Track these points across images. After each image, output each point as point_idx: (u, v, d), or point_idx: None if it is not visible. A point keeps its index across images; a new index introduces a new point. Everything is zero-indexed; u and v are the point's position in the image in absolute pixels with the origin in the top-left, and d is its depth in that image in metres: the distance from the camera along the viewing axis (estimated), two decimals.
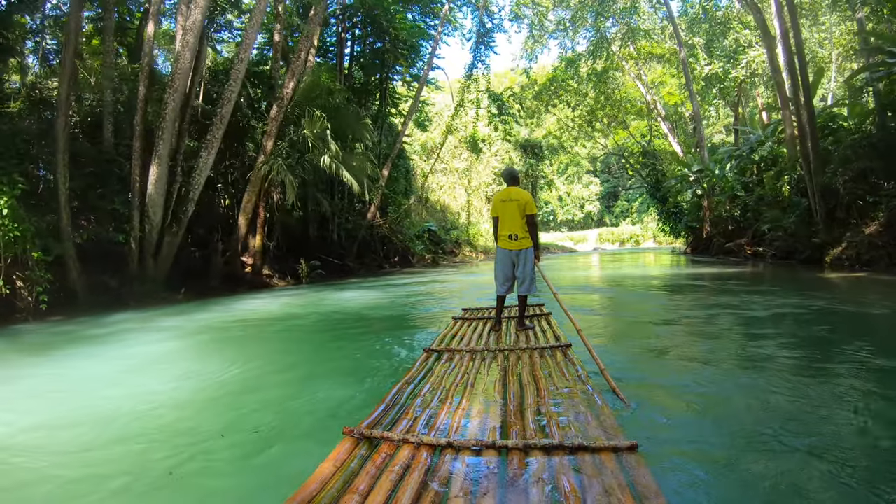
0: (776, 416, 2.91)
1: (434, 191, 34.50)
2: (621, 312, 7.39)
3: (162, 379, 4.48)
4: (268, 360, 5.31)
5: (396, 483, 2.00)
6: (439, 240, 26.29)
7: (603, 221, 56.30)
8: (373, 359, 5.04)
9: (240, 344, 6.15)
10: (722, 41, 26.79)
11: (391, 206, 21.25)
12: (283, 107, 14.03)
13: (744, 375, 3.77)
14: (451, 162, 34.79)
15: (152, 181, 11.39)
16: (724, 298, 7.85)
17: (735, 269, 12.66)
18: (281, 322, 7.80)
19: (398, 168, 22.26)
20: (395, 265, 22.31)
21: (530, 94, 28.92)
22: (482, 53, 24.13)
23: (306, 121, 12.65)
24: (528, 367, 3.61)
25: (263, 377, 4.58)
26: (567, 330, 4.80)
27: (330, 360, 5.18)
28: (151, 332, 7.30)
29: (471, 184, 34.63)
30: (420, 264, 22.54)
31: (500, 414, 2.72)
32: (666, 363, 4.30)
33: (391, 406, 2.94)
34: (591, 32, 29.05)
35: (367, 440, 2.42)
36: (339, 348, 5.65)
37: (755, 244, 15.51)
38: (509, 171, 5.04)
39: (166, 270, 12.48)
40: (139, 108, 11.86)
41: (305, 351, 5.74)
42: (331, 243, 20.21)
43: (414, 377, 3.53)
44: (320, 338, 6.42)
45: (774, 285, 9.50)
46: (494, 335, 4.87)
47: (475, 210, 34.68)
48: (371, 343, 5.89)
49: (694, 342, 5.04)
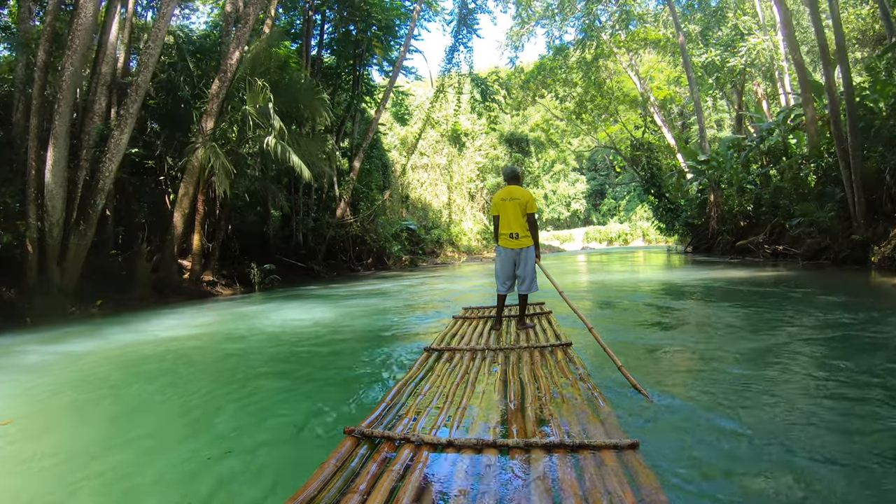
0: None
1: (415, 188, 32.34)
2: (653, 339, 5.34)
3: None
4: (75, 444, 3.11)
5: (397, 482, 1.97)
6: (419, 239, 24.14)
7: (590, 220, 54.70)
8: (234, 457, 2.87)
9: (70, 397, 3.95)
10: (716, 31, 25.30)
11: (363, 203, 19.00)
12: (227, 81, 11.73)
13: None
14: (433, 157, 32.65)
15: (49, 167, 9.04)
16: (782, 314, 5.86)
17: (765, 272, 10.73)
18: (169, 354, 5.59)
19: (371, 160, 20.01)
20: (370, 267, 20.10)
21: (517, 82, 26.91)
22: (464, 36, 21.99)
23: (248, 94, 10.38)
24: (529, 365, 3.60)
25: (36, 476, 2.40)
26: (567, 328, 4.80)
27: (179, 446, 2.99)
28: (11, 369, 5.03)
29: (453, 180, 32.56)
30: (397, 267, 20.36)
31: (500, 413, 2.69)
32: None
33: (392, 405, 2.88)
34: (580, 20, 27.28)
35: (368, 439, 2.38)
36: (213, 413, 3.48)
37: (773, 241, 13.67)
38: (511, 170, 5.04)
39: (75, 278, 10.14)
40: (37, 77, 9.52)
41: (154, 418, 3.56)
42: (296, 244, 17.94)
43: (414, 376, 3.49)
44: (206, 387, 4.24)
45: (830, 292, 7.55)
46: (495, 334, 4.84)
47: (458, 208, 32.59)
48: (260, 406, 3.73)
49: (820, 404, 2.97)
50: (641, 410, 2.94)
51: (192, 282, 12.10)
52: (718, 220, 16.91)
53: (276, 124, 10.26)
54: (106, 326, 8.11)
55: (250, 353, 5.48)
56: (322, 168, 12.64)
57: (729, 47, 23.60)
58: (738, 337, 4.87)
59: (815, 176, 12.70)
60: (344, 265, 18.96)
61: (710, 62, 23.70)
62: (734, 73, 23.62)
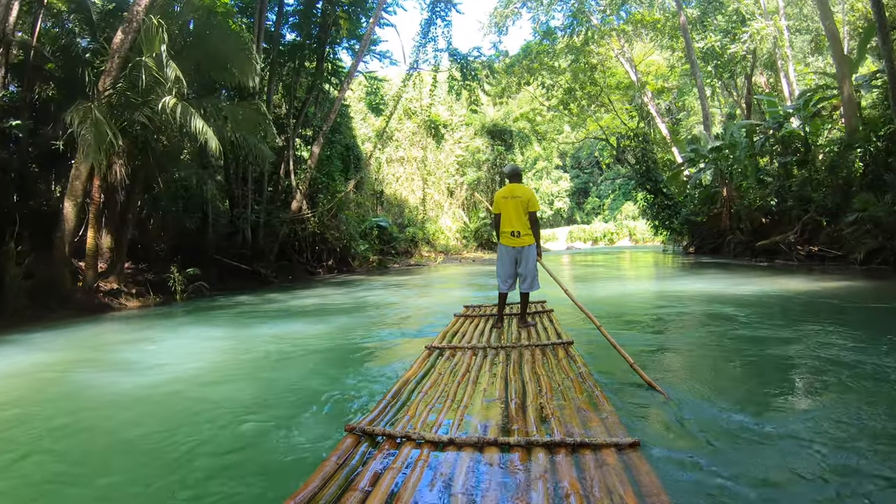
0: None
1: (390, 183, 29.72)
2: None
3: None
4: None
5: (398, 480, 1.95)
6: (391, 238, 21.54)
7: (573, 219, 52.88)
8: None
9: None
10: (713, 18, 23.41)
11: (322, 195, 16.33)
12: (131, 32, 9.00)
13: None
14: (410, 150, 30.05)
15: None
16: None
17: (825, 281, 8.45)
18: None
19: (334, 146, 17.33)
20: (333, 269, 17.44)
21: (501, 67, 24.50)
22: (442, 9, 19.43)
23: (142, 39, 7.69)
24: (530, 364, 3.55)
25: None
26: (567, 327, 4.82)
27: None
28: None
29: (431, 175, 30.03)
30: (363, 269, 17.73)
31: (502, 411, 2.66)
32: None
33: (393, 403, 2.85)
34: (569, 3, 25.05)
35: (369, 437, 2.36)
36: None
37: (805, 241, 11.53)
38: (512, 168, 5.02)
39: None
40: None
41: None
42: (243, 243, 15.21)
43: (415, 374, 3.44)
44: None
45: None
46: (496, 332, 4.77)
47: (436, 204, 30.05)
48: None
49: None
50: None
51: (86, 291, 9.33)
52: (731, 216, 14.71)
53: (170, 73, 7.55)
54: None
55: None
56: (257, 146, 9.94)
57: (728, 34, 21.70)
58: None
59: (861, 164, 10.57)
60: (301, 267, 16.28)
61: (710, 49, 21.75)
62: (734, 60, 21.71)
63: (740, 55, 21.09)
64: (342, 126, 18.44)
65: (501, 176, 32.11)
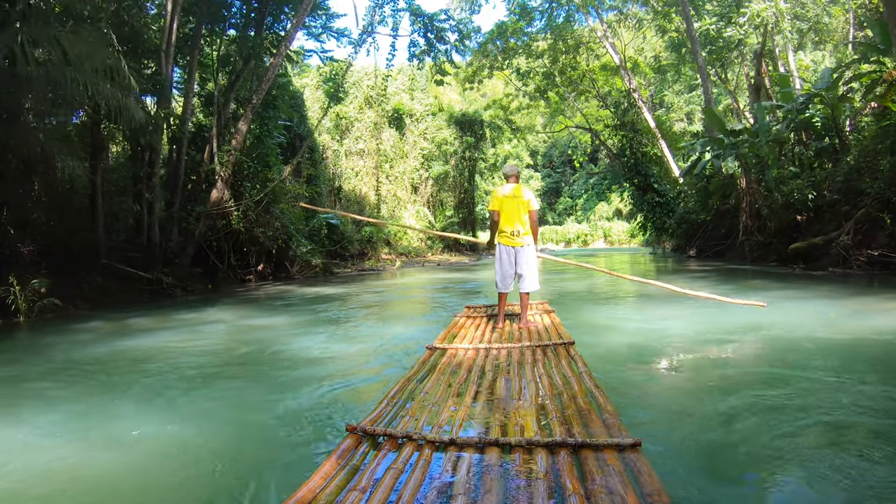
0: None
1: (348, 178, 26.48)
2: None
3: None
4: None
5: (399, 480, 1.92)
6: (342, 238, 18.32)
7: (545, 219, 50.81)
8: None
9: None
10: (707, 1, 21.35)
11: (247, 183, 12.98)
12: None
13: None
14: (370, 142, 26.87)
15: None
16: None
17: None
18: None
19: (268, 123, 14.00)
20: (266, 276, 14.13)
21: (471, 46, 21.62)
22: None
23: None
24: (531, 364, 3.50)
25: None
26: (568, 328, 4.64)
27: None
28: None
29: (392, 167, 26.96)
30: (303, 275, 14.43)
31: (503, 411, 2.59)
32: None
33: (394, 403, 2.79)
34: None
35: (370, 437, 2.32)
36: None
37: (859, 244, 9.07)
38: (512, 167, 4.96)
39: None
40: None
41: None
42: (149, 244, 11.81)
43: (416, 374, 3.38)
44: None
45: None
46: (497, 332, 4.70)
47: (399, 201, 26.95)
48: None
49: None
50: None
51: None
52: (753, 214, 12.21)
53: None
54: None
55: None
56: (119, 99, 6.70)
57: (724, 17, 19.60)
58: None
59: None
60: (223, 273, 12.91)
61: (705, 32, 19.57)
62: (731, 45, 19.60)
63: (737, 39, 19.01)
64: (280, 102, 15.12)
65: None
